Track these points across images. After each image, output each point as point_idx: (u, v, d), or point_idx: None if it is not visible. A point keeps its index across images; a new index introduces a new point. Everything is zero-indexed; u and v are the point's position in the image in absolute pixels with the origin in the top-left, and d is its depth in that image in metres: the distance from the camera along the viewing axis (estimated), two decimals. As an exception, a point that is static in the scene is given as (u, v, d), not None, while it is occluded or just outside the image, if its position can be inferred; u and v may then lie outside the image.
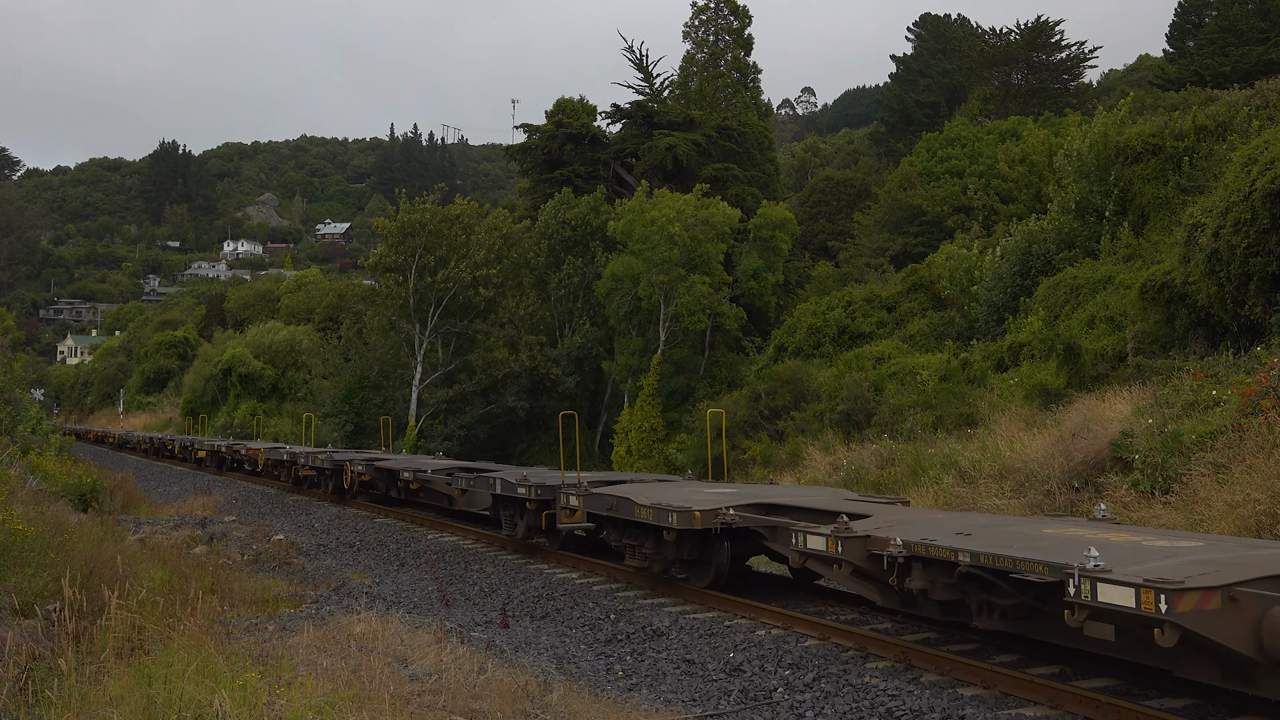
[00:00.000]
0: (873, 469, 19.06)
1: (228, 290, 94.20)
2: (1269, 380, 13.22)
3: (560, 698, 7.58)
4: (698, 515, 10.75)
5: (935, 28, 71.60)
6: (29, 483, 16.31)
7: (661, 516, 11.08)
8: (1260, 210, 16.08)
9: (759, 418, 25.67)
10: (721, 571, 11.64)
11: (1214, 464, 12.70)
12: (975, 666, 8.39)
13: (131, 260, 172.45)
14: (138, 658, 7.68)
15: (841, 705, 7.87)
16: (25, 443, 21.41)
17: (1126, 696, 7.59)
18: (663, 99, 50.84)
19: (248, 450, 32.81)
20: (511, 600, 12.55)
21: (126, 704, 6.32)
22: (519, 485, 14.58)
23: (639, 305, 36.60)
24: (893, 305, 31.48)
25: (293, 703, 6.20)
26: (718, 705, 8.10)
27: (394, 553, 16.95)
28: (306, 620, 10.23)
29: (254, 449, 32.05)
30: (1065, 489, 14.43)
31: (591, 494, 12.87)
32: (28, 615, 8.86)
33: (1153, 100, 41.66)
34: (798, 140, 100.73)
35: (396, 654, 8.43)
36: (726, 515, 10.83)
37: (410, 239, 38.49)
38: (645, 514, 11.40)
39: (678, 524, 10.83)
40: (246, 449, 33.12)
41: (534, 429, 39.83)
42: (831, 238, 50.40)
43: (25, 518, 11.11)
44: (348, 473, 23.34)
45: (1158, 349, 18.61)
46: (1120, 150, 25.55)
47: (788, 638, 10.01)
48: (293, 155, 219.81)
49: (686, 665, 9.28)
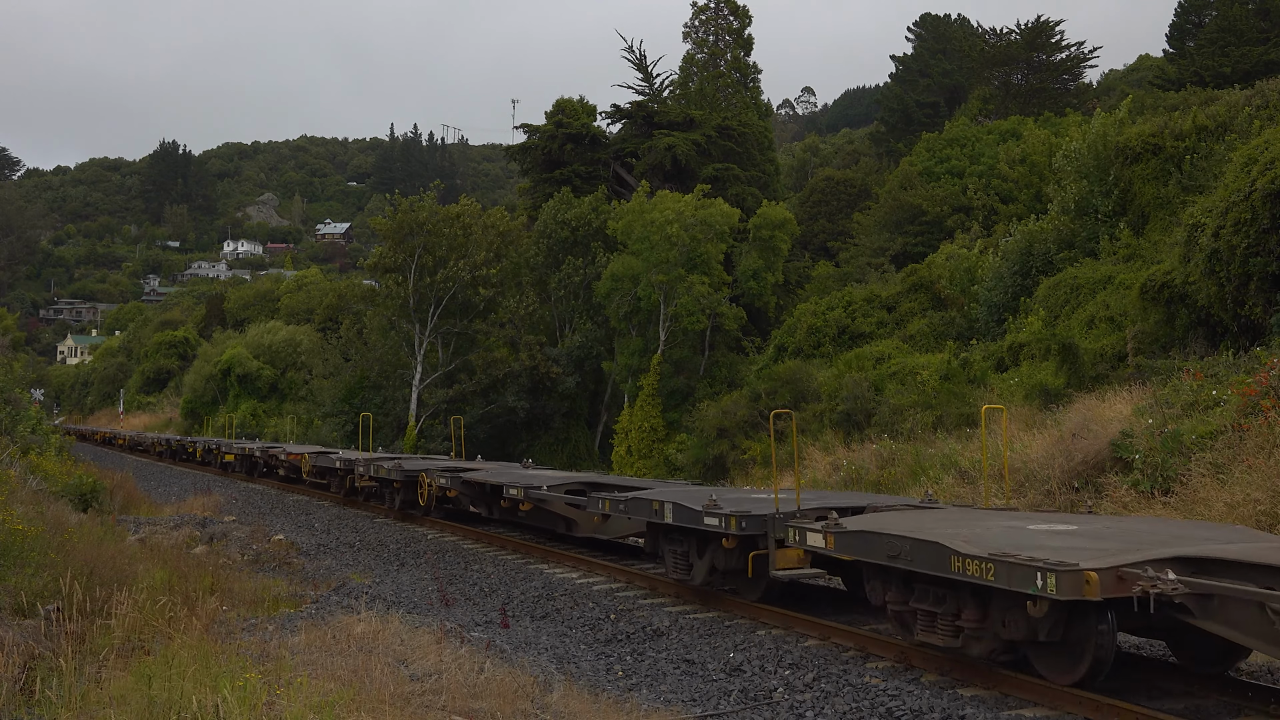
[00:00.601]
0: (873, 469, 19.07)
1: (228, 290, 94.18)
2: (1269, 380, 13.22)
3: (560, 698, 7.58)
4: (1093, 577, 6.72)
5: (935, 28, 71.57)
6: (29, 483, 16.32)
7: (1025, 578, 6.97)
8: (1260, 210, 16.08)
9: (759, 418, 25.67)
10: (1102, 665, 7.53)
11: (1214, 464, 12.71)
12: (975, 666, 8.39)
13: (131, 260, 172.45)
14: (138, 657, 7.68)
15: (841, 705, 7.87)
16: (25, 443, 21.41)
17: (1126, 697, 7.59)
18: (663, 99, 50.85)
19: (288, 455, 28.41)
20: (511, 600, 12.55)
21: (127, 704, 6.32)
22: (707, 514, 10.46)
23: (639, 305, 36.61)
24: (893, 305, 31.47)
25: (293, 703, 6.20)
26: (718, 705, 8.10)
27: (394, 553, 16.95)
28: (306, 620, 10.23)
29: (295, 453, 27.87)
30: (1065, 489, 14.44)
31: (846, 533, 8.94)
32: (28, 615, 8.86)
33: (1153, 100, 41.68)
34: (798, 140, 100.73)
35: (396, 654, 8.43)
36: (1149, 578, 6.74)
37: (409, 239, 38.51)
38: (977, 569, 7.36)
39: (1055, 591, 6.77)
40: (286, 453, 28.65)
41: (534, 429, 39.84)
42: (831, 238, 50.40)
43: (25, 518, 11.11)
44: (424, 486, 19.15)
45: (1158, 349, 18.62)
46: (1120, 150, 25.55)
47: (788, 638, 10.01)
48: (293, 155, 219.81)
49: (686, 665, 9.28)
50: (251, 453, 31.89)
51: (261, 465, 31.33)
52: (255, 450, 31.46)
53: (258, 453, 31.14)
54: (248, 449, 32.52)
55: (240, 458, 33.18)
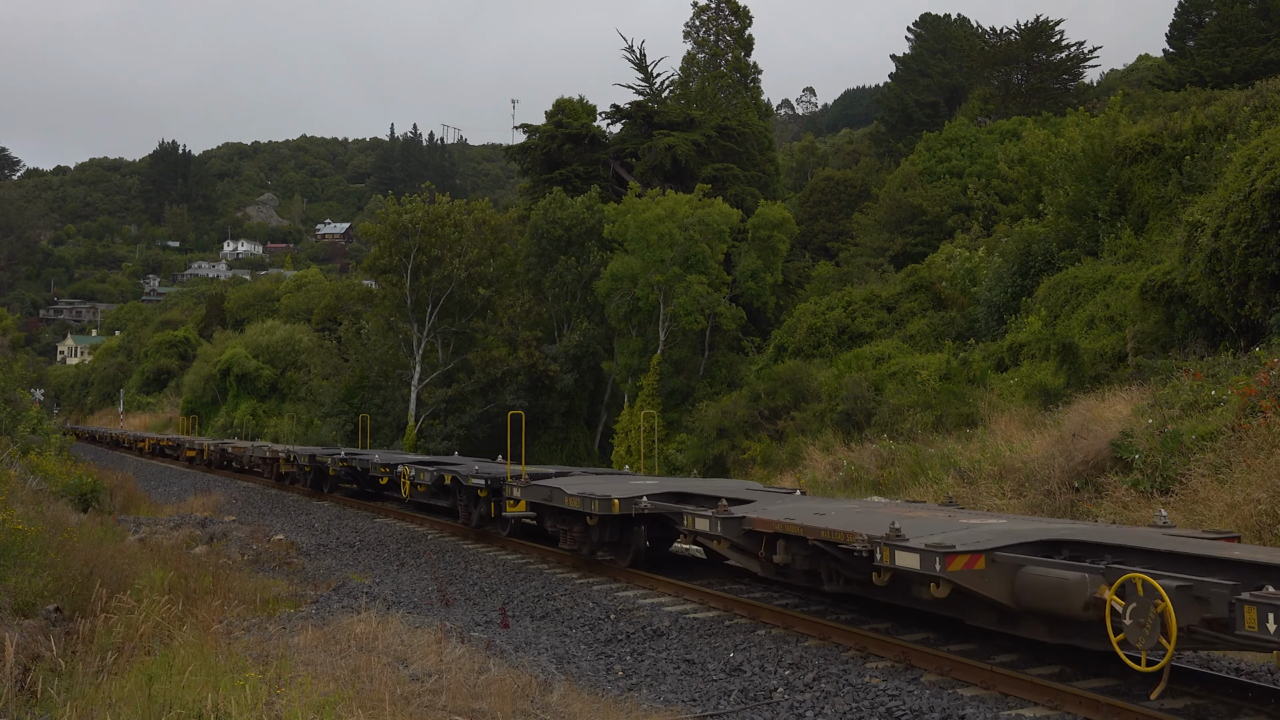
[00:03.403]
0: (873, 469, 19.06)
1: (227, 290, 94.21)
2: (1269, 380, 13.23)
3: (560, 697, 7.58)
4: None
5: (935, 28, 71.62)
6: (29, 483, 16.32)
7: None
8: (1260, 210, 16.08)
9: (759, 418, 25.67)
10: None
11: (1214, 464, 12.70)
12: (975, 666, 8.39)
13: (131, 260, 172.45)
14: (138, 657, 7.68)
15: (841, 705, 7.87)
16: (25, 443, 21.41)
17: (1126, 696, 7.59)
18: (663, 99, 50.86)
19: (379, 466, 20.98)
20: (511, 600, 12.55)
21: (127, 704, 6.32)
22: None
23: (638, 305, 36.59)
24: (893, 305, 31.46)
25: (293, 703, 6.20)
26: (718, 705, 8.10)
27: (394, 553, 16.95)
28: (306, 620, 10.23)
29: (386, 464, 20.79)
30: (1065, 489, 14.43)
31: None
32: (28, 615, 8.86)
33: (1152, 100, 41.69)
34: (797, 140, 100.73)
35: (396, 654, 8.43)
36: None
37: (404, 239, 38.50)
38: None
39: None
40: (405, 465, 19.64)
41: (533, 428, 39.81)
42: (831, 238, 50.40)
43: (25, 518, 11.11)
44: None
45: (1158, 349, 18.61)
46: (1120, 150, 25.55)
47: (788, 637, 10.02)
48: (293, 155, 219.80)
49: (686, 665, 9.28)
50: (325, 463, 24.46)
51: (343, 477, 24.56)
52: (328, 458, 24.04)
53: (337, 462, 23.65)
54: (323, 458, 24.78)
55: (319, 468, 25.39)
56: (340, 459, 23.79)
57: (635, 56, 51.48)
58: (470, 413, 37.97)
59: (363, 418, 33.33)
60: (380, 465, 21.14)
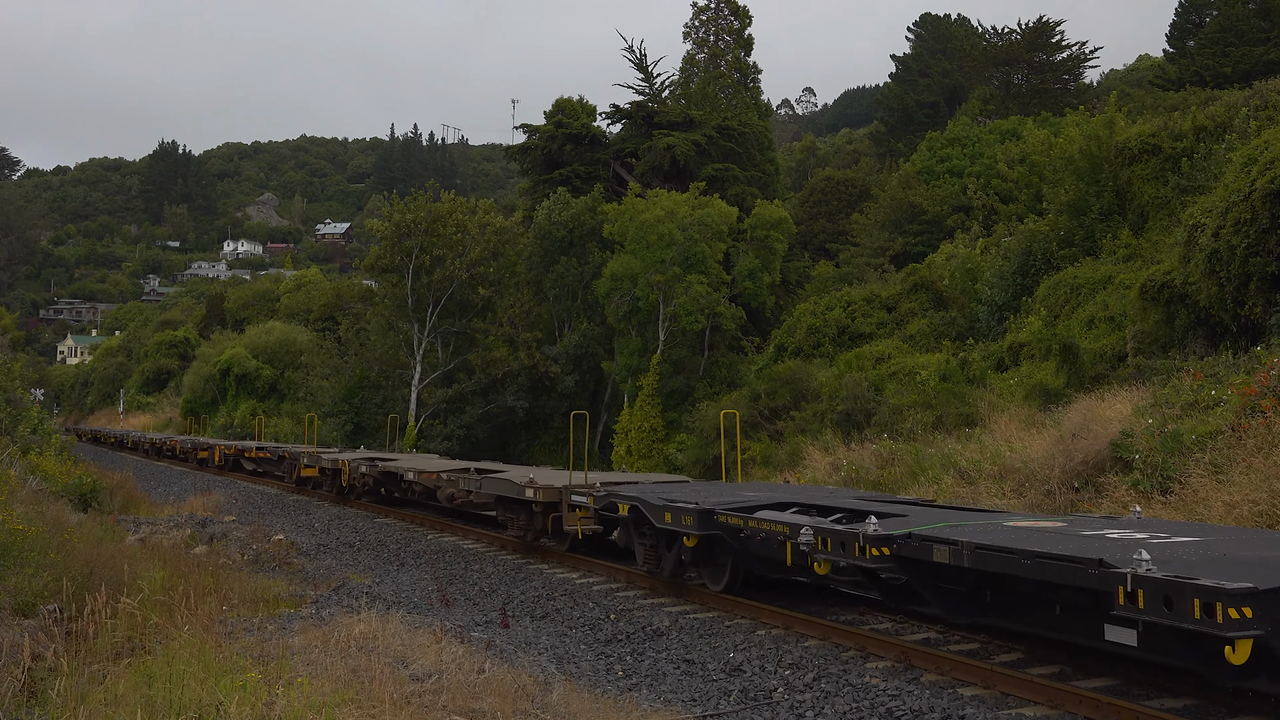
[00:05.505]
0: (872, 469, 19.04)
1: (227, 290, 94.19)
2: (1269, 380, 13.22)
3: (560, 697, 7.58)
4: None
5: (935, 28, 71.55)
6: (29, 483, 16.31)
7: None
8: (1260, 210, 16.08)
9: (759, 418, 25.66)
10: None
11: (1213, 464, 12.70)
12: (975, 666, 8.40)
13: (131, 260, 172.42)
14: (138, 657, 7.68)
15: (841, 705, 7.87)
16: (25, 443, 21.40)
17: (1126, 696, 7.59)
18: (662, 99, 50.82)
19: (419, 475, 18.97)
20: (511, 600, 12.55)
21: (127, 704, 6.32)
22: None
23: (637, 305, 36.58)
24: (893, 305, 31.43)
25: (293, 703, 6.20)
26: (718, 705, 8.10)
27: (394, 553, 16.94)
28: (307, 620, 10.23)
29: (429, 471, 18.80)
30: (1065, 489, 14.43)
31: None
32: (28, 615, 8.86)
33: (1153, 100, 41.67)
34: (797, 140, 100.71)
35: (396, 654, 8.43)
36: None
37: (406, 239, 38.49)
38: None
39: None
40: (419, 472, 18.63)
41: (533, 428, 39.83)
42: (831, 238, 50.35)
43: (25, 518, 11.11)
44: None
45: (1158, 349, 18.61)
46: (1119, 150, 25.54)
47: (788, 638, 10.02)
48: (293, 155, 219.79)
49: (686, 665, 9.28)
50: (365, 471, 21.90)
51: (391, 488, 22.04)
52: (409, 472, 19.88)
53: (364, 467, 21.63)
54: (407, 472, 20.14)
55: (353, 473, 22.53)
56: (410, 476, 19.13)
57: (635, 56, 51.45)
58: (470, 413, 37.95)
59: (392, 418, 33.27)
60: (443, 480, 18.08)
